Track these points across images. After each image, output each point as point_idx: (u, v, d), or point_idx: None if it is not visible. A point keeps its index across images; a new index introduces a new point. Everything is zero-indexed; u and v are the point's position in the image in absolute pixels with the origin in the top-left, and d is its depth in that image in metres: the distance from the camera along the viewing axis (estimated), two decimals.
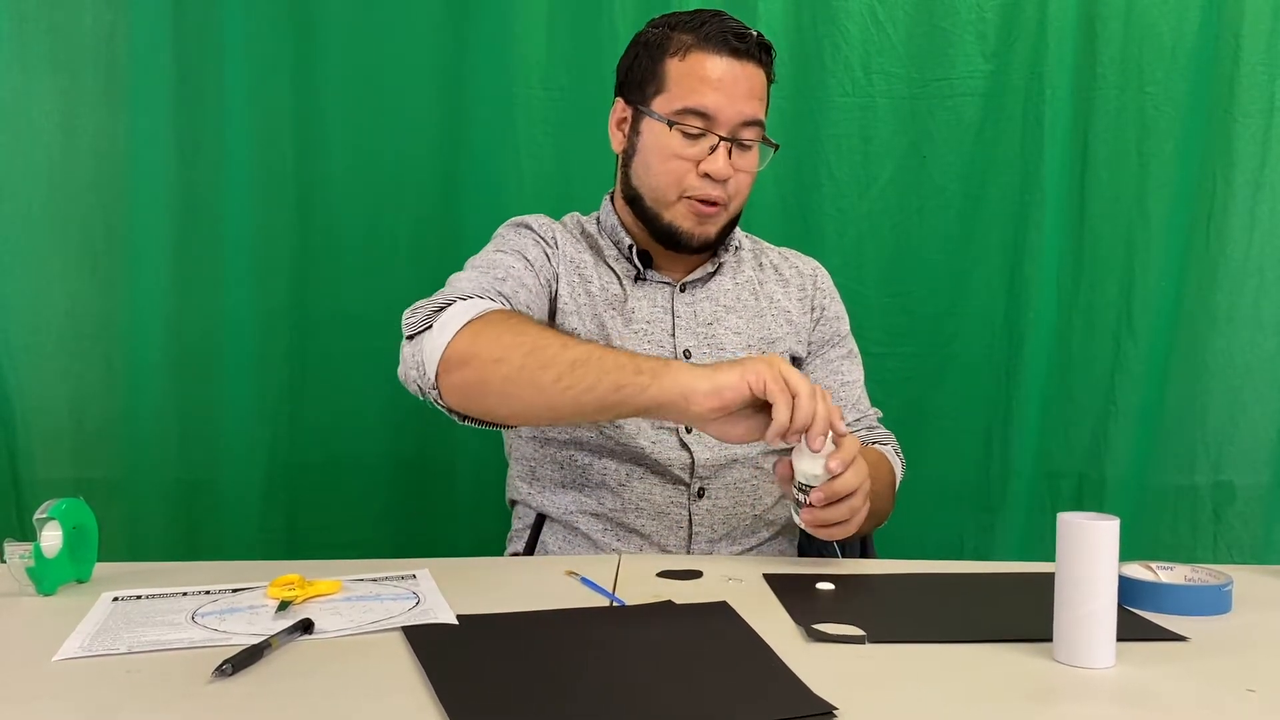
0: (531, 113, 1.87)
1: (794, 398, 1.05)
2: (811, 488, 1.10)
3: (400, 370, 1.20)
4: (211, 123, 1.83)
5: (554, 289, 1.36)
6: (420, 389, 1.17)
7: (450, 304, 1.18)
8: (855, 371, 1.51)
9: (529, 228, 1.40)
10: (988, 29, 1.89)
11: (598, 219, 1.46)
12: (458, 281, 1.27)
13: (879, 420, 1.50)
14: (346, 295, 1.87)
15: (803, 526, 1.13)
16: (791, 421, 1.05)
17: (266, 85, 1.83)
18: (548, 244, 1.38)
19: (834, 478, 1.09)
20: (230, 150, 1.83)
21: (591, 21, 1.86)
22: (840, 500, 1.11)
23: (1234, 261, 1.92)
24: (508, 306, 1.23)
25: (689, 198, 1.33)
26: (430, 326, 1.16)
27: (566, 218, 1.47)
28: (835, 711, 0.74)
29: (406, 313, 1.21)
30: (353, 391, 1.88)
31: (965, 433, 1.94)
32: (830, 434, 1.08)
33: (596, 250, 1.42)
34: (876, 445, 1.44)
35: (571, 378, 1.08)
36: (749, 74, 1.32)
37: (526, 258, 1.34)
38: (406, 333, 1.20)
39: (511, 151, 1.87)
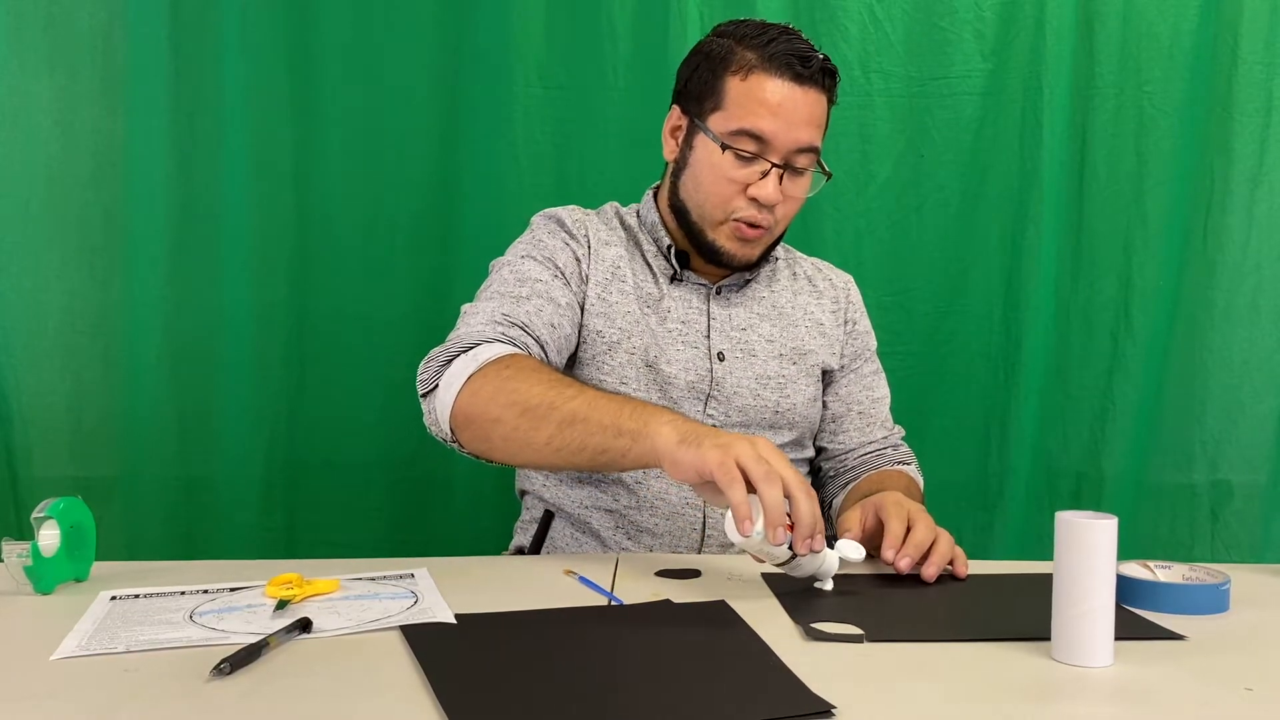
0: (530, 110, 1.87)
1: (767, 485, 0.97)
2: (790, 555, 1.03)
3: (425, 422, 1.24)
4: (209, 120, 1.83)
5: (583, 293, 1.35)
6: (444, 441, 1.22)
7: (456, 357, 1.20)
8: (884, 388, 1.52)
9: (563, 226, 1.39)
10: (986, 28, 1.89)
11: (638, 212, 1.46)
12: (471, 318, 1.27)
13: (901, 439, 1.51)
14: (345, 293, 1.87)
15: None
16: (766, 510, 0.97)
17: (264, 82, 1.83)
18: (580, 245, 1.37)
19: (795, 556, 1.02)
20: (228, 147, 1.83)
21: (590, 19, 1.86)
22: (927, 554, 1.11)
23: (1232, 259, 1.92)
24: (519, 342, 1.23)
25: (735, 220, 1.33)
26: (438, 386, 1.19)
27: (606, 206, 1.47)
28: (834, 710, 0.74)
29: (421, 365, 1.23)
30: (351, 389, 1.88)
31: (963, 431, 1.94)
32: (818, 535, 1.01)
33: (635, 244, 1.42)
34: (900, 465, 1.45)
35: (561, 439, 1.10)
36: (810, 100, 1.30)
37: (556, 264, 1.34)
38: (420, 390, 1.23)
39: (510, 149, 1.87)
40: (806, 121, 1.30)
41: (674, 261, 1.39)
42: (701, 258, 1.39)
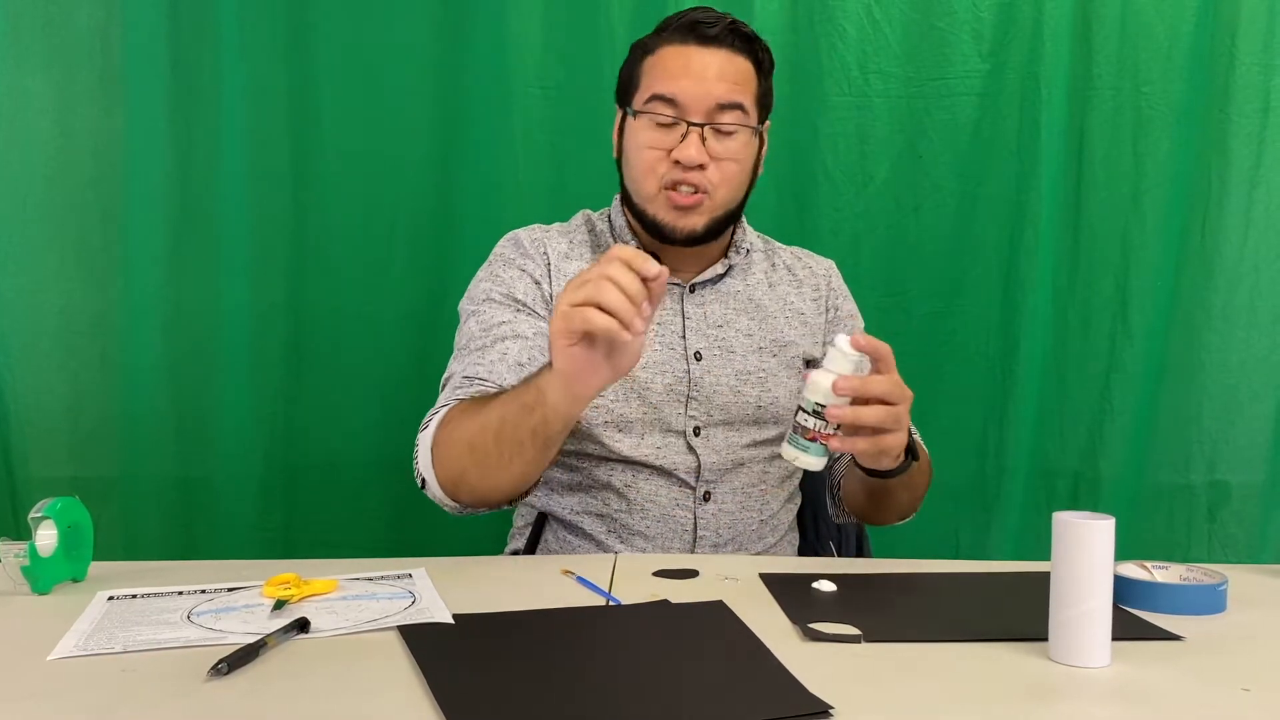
0: (528, 112, 1.87)
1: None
2: (824, 407, 1.07)
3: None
4: (207, 119, 1.83)
5: (550, 312, 1.36)
6: (462, 513, 1.27)
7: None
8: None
9: (519, 249, 1.40)
10: (984, 29, 1.90)
11: (609, 217, 1.46)
12: (443, 392, 1.32)
13: None
14: (343, 293, 1.87)
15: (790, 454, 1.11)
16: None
17: (262, 81, 1.83)
18: (538, 265, 1.38)
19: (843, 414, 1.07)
20: (226, 147, 1.83)
21: (588, 21, 1.86)
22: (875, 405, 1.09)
23: (1229, 260, 1.92)
24: (469, 395, 1.26)
25: (667, 189, 1.33)
26: (425, 479, 1.25)
27: (576, 216, 1.47)
28: (831, 710, 0.74)
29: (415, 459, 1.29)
30: (349, 389, 1.88)
31: (961, 431, 1.94)
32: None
33: (604, 249, 1.41)
34: None
35: (508, 450, 1.15)
36: (720, 59, 1.32)
37: (515, 299, 1.35)
38: (419, 486, 1.28)
39: (508, 150, 1.87)
40: (719, 78, 1.31)
41: None
42: (654, 238, 1.37)
